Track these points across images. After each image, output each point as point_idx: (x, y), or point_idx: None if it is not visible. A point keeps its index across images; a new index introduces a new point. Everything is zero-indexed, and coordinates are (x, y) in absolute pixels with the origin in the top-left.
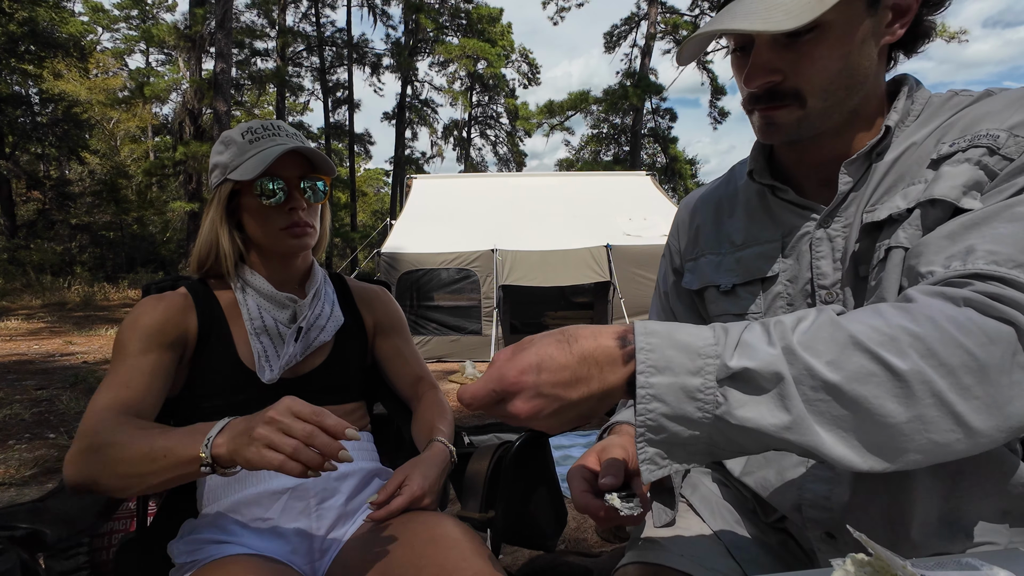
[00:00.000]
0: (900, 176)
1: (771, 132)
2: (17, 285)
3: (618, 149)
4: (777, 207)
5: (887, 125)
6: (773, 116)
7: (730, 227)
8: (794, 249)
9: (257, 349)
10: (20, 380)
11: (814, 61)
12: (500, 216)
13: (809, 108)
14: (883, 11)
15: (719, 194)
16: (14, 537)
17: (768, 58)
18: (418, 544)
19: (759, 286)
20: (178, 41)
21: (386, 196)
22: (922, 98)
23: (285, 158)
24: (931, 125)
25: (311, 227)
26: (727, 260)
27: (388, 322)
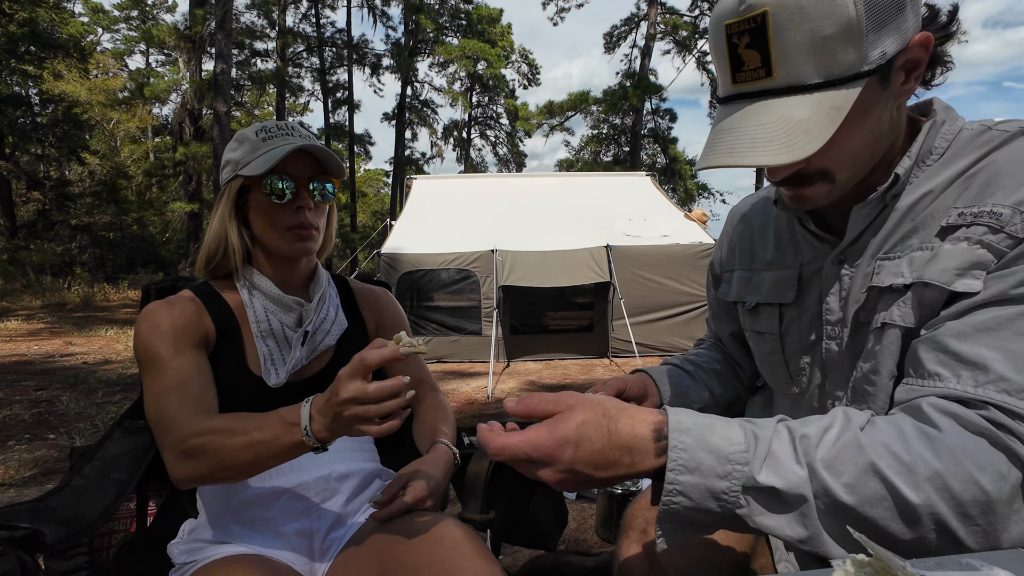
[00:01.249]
0: (914, 228)
1: (801, 204)
2: (17, 286)
3: (618, 150)
4: (801, 235)
5: (896, 173)
6: (803, 193)
7: (760, 247)
8: (810, 280)
9: (263, 352)
10: (20, 381)
11: (836, 145)
12: (500, 217)
13: (838, 182)
14: (896, 75)
15: (757, 211)
16: (14, 538)
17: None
18: (419, 544)
19: (777, 309)
20: (178, 42)
21: (386, 197)
22: (949, 133)
23: (296, 158)
24: (953, 168)
25: (316, 229)
26: (755, 278)
27: (390, 323)
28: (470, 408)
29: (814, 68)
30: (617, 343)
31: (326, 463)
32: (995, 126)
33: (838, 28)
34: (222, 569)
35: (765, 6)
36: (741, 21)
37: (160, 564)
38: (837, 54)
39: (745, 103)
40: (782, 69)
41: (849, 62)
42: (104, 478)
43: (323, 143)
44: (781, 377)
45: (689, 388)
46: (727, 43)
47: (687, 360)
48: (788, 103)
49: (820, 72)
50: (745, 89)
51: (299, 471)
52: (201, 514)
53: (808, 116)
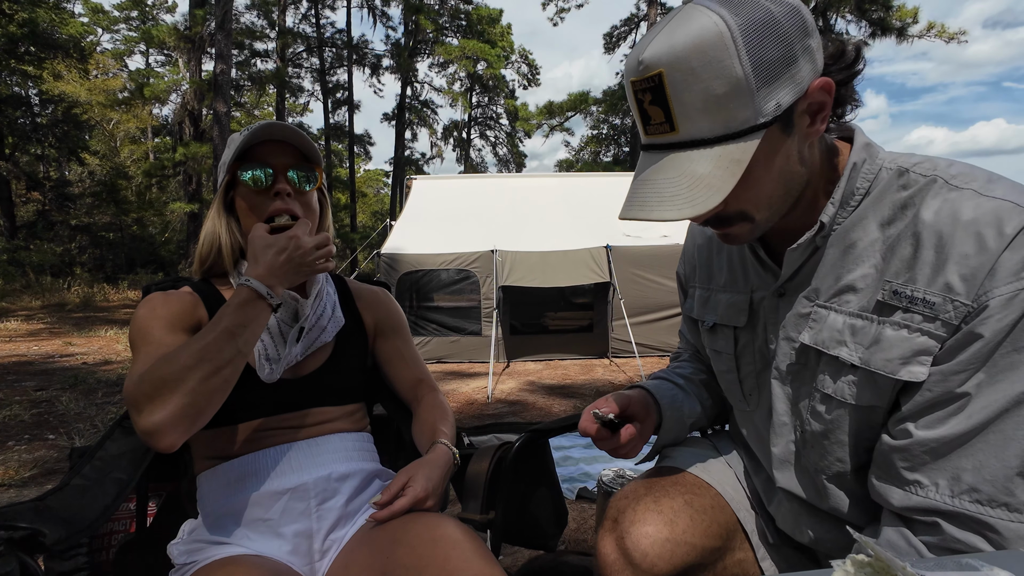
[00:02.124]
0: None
1: (729, 240)
2: (17, 286)
3: (618, 150)
4: (750, 262)
5: (822, 221)
6: (728, 233)
7: (716, 267)
8: (757, 308)
9: (258, 347)
10: (19, 381)
11: (747, 190)
12: (500, 217)
13: (758, 222)
14: (799, 119)
15: (711, 232)
16: (14, 539)
17: None
18: (419, 545)
19: (732, 332)
20: (178, 42)
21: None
22: (869, 173)
23: (275, 148)
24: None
25: (295, 215)
26: (712, 299)
27: (389, 323)
28: (470, 408)
29: (711, 124)
30: (617, 343)
31: (326, 464)
32: (912, 167)
33: (728, 87)
34: (222, 570)
35: (660, 67)
36: (641, 80)
37: (160, 564)
38: (731, 110)
39: (656, 154)
40: (684, 124)
41: (744, 117)
42: (104, 478)
43: (319, 142)
44: (735, 394)
45: (683, 403)
46: (635, 98)
47: (675, 374)
48: (691, 157)
49: (718, 128)
50: (655, 141)
51: (299, 472)
52: (201, 515)
53: (709, 171)
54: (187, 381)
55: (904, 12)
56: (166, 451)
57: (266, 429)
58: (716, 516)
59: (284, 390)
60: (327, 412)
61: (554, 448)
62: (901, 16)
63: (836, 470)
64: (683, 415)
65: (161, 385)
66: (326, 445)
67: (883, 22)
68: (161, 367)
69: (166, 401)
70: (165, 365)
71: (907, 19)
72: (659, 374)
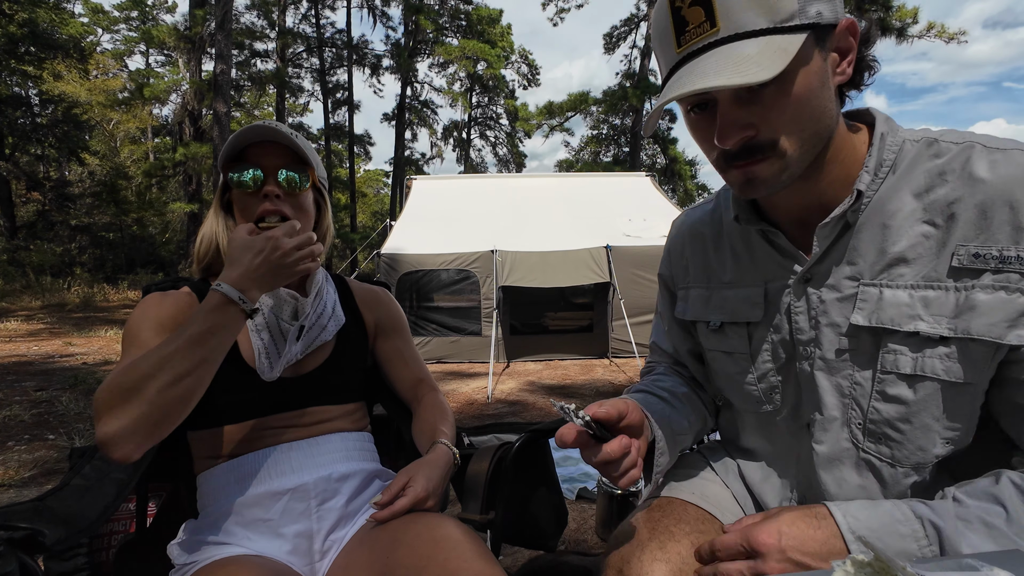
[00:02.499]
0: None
1: (753, 187)
2: (17, 286)
3: (618, 150)
4: (762, 251)
5: (858, 189)
6: (754, 171)
7: (716, 263)
8: (776, 298)
9: (257, 345)
10: (19, 381)
11: (784, 109)
12: (500, 217)
13: (788, 157)
14: (830, 54)
15: (703, 226)
16: (14, 539)
17: (738, 114)
18: (419, 545)
19: (745, 328)
20: (178, 42)
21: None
22: (894, 145)
23: (267, 149)
24: (911, 184)
25: (285, 217)
26: (715, 296)
27: (389, 323)
28: (470, 409)
29: (755, 16)
30: (617, 343)
31: (326, 464)
32: (939, 137)
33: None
34: (222, 570)
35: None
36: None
37: (160, 565)
38: (779, 2)
39: (693, 57)
40: (725, 20)
41: (789, 11)
42: (104, 478)
43: (313, 143)
44: (751, 397)
45: (671, 418)
46: (670, 9)
47: (657, 387)
48: (736, 46)
49: (762, 20)
50: (691, 47)
51: (299, 472)
52: (201, 515)
53: (757, 52)
54: (144, 391)
55: (904, 12)
56: (122, 462)
57: (266, 428)
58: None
59: (284, 388)
60: (327, 411)
61: (554, 448)
62: (901, 16)
63: (915, 460)
64: (673, 432)
65: (119, 394)
66: (326, 445)
67: (883, 22)
68: (122, 375)
69: (122, 411)
70: (125, 373)
71: (907, 19)
72: (640, 387)
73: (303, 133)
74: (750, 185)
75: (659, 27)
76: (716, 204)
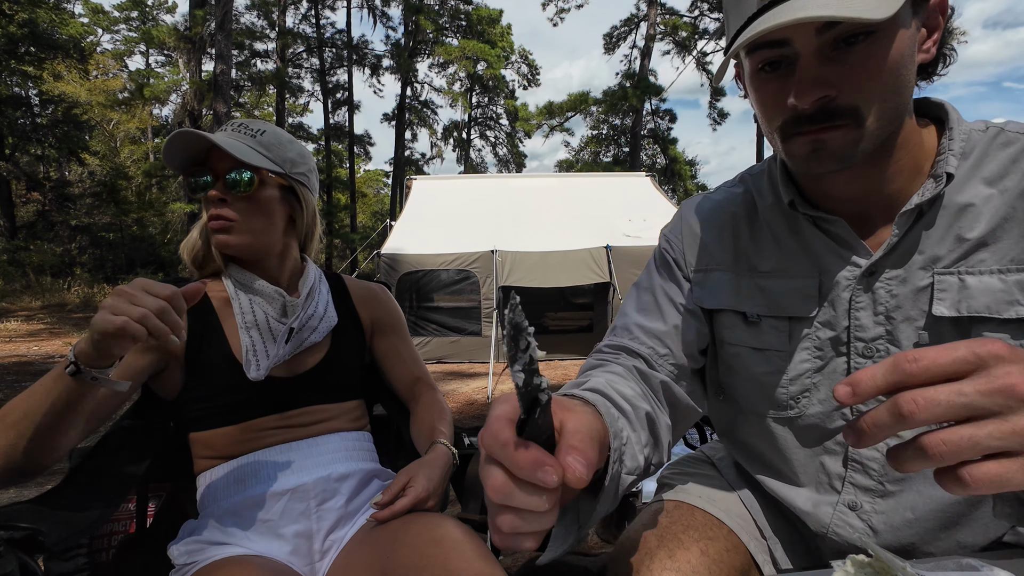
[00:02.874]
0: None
1: (821, 158)
2: (17, 286)
3: (618, 150)
4: (814, 240)
5: (948, 172)
6: (826, 139)
7: (751, 249)
8: (831, 291)
9: (246, 344)
10: (19, 381)
11: (870, 73)
12: (500, 217)
13: (867, 127)
14: (920, 27)
15: (733, 208)
16: (14, 539)
17: (821, 71)
18: (420, 545)
19: (787, 323)
20: (178, 42)
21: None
22: (962, 134)
23: (220, 152)
24: (983, 172)
25: (231, 221)
26: (745, 284)
27: (386, 320)
28: (470, 409)
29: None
30: None
31: (326, 464)
32: (1005, 127)
33: None
34: (222, 570)
35: None
36: None
37: (160, 565)
38: None
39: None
40: None
41: None
42: (104, 477)
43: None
44: (775, 400)
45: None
46: None
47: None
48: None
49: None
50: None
51: (299, 472)
52: (201, 515)
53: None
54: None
55: None
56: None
57: (265, 429)
58: (732, 561)
59: (281, 388)
60: (325, 410)
61: None
62: None
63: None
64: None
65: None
66: (326, 445)
67: None
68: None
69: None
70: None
71: None
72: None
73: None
74: (817, 156)
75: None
76: (746, 188)
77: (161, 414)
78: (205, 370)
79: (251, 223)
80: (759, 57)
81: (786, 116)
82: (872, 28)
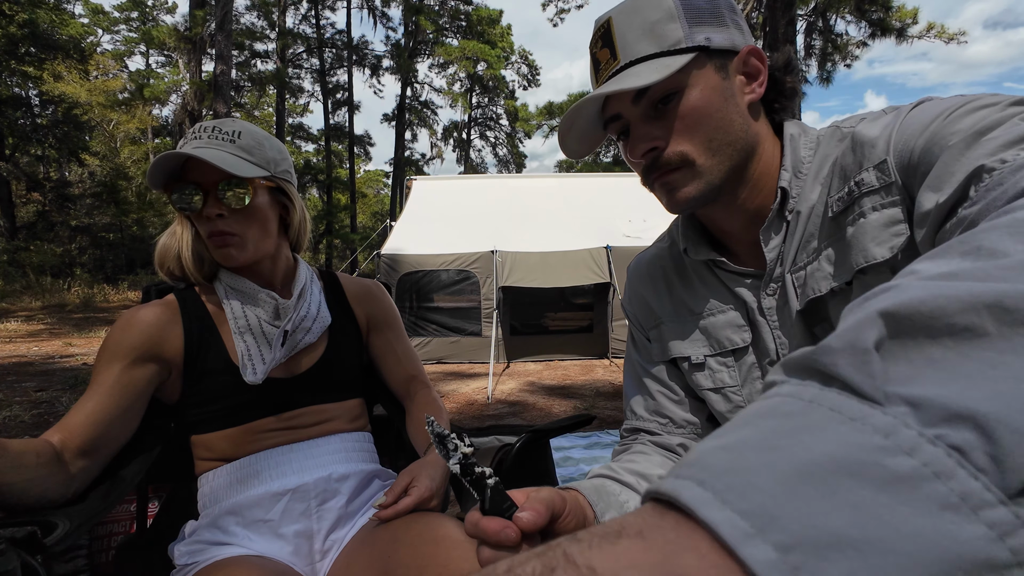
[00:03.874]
0: (811, 234)
1: (677, 199)
2: (17, 287)
3: (618, 150)
4: (724, 277)
5: (781, 187)
6: (672, 180)
7: (685, 295)
8: (753, 319)
9: (241, 349)
10: (20, 382)
11: (684, 121)
12: (500, 217)
13: (700, 167)
14: (734, 73)
15: (661, 262)
16: (15, 539)
17: (645, 130)
18: (420, 545)
19: (731, 357)
20: (178, 43)
21: (386, 197)
22: (809, 142)
23: (202, 163)
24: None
25: (233, 235)
26: (689, 328)
27: (381, 316)
28: (470, 409)
29: (648, 44)
30: (617, 344)
31: (326, 464)
32: (842, 123)
33: (662, 13)
34: (223, 570)
35: (610, 15)
36: (596, 32)
37: (160, 565)
38: (665, 32)
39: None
40: (624, 52)
41: (675, 38)
42: (104, 477)
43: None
44: None
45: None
46: (591, 56)
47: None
48: (631, 69)
49: (652, 45)
50: (604, 77)
51: (299, 472)
52: (202, 515)
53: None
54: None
55: (904, 13)
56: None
57: (265, 430)
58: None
59: (279, 389)
60: (325, 410)
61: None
62: (901, 17)
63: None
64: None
65: None
66: (326, 446)
67: (883, 23)
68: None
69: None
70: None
71: (907, 20)
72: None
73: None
74: (673, 197)
75: (590, 73)
76: (672, 240)
77: (162, 416)
78: (204, 376)
79: (250, 234)
80: (612, 129)
81: (639, 170)
82: (675, 89)
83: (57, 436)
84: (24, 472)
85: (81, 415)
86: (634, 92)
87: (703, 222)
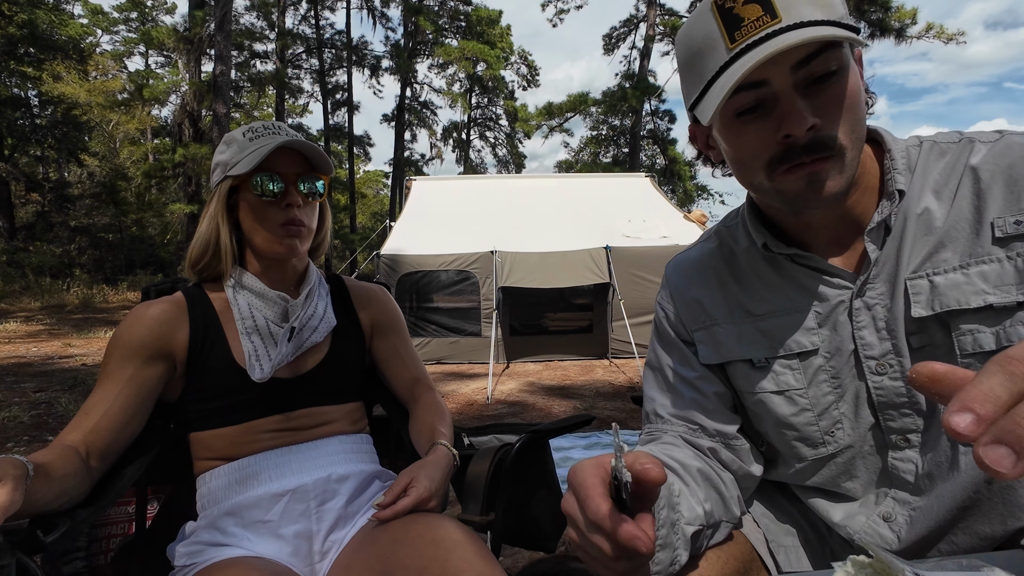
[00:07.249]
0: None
1: (823, 193)
2: (16, 287)
3: (617, 151)
4: (799, 275)
5: (899, 189)
6: (823, 170)
7: (742, 297)
8: (829, 319)
9: (248, 348)
10: (19, 382)
11: (842, 105)
12: (499, 218)
13: (847, 158)
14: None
15: (712, 263)
16: (14, 540)
17: (803, 103)
18: (420, 545)
19: (797, 360)
20: (177, 43)
21: (385, 198)
22: (900, 151)
23: (284, 156)
24: (929, 181)
25: (305, 227)
26: (746, 330)
27: (386, 321)
28: (470, 409)
29: (815, 8)
30: (617, 344)
31: (326, 465)
32: (936, 139)
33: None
34: (222, 571)
35: None
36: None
37: (159, 566)
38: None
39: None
40: (786, 12)
41: (841, 12)
42: (104, 477)
43: (318, 143)
44: (808, 437)
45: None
46: (716, 12)
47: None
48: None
49: (821, 12)
50: (751, 39)
51: (299, 473)
52: (201, 516)
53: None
54: None
55: (903, 13)
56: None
57: (265, 430)
58: (732, 550)
59: (281, 389)
60: (326, 412)
61: (554, 449)
62: (900, 17)
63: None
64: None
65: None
66: (326, 447)
67: (882, 23)
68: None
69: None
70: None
71: (906, 20)
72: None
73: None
74: (813, 188)
75: (700, 31)
76: (719, 241)
77: (161, 415)
78: (206, 374)
79: (314, 226)
80: (735, 103)
81: (774, 152)
82: (840, 66)
83: (80, 438)
84: (61, 489)
85: (101, 415)
86: (803, 55)
87: (775, 215)
